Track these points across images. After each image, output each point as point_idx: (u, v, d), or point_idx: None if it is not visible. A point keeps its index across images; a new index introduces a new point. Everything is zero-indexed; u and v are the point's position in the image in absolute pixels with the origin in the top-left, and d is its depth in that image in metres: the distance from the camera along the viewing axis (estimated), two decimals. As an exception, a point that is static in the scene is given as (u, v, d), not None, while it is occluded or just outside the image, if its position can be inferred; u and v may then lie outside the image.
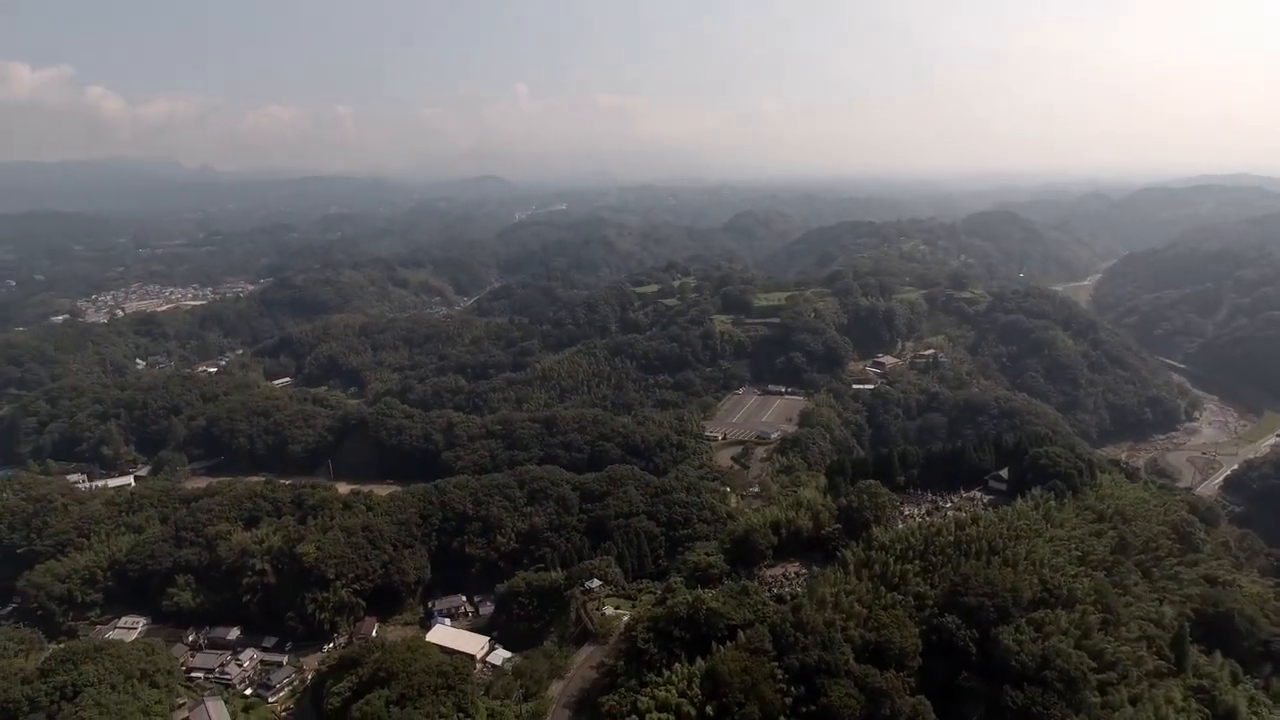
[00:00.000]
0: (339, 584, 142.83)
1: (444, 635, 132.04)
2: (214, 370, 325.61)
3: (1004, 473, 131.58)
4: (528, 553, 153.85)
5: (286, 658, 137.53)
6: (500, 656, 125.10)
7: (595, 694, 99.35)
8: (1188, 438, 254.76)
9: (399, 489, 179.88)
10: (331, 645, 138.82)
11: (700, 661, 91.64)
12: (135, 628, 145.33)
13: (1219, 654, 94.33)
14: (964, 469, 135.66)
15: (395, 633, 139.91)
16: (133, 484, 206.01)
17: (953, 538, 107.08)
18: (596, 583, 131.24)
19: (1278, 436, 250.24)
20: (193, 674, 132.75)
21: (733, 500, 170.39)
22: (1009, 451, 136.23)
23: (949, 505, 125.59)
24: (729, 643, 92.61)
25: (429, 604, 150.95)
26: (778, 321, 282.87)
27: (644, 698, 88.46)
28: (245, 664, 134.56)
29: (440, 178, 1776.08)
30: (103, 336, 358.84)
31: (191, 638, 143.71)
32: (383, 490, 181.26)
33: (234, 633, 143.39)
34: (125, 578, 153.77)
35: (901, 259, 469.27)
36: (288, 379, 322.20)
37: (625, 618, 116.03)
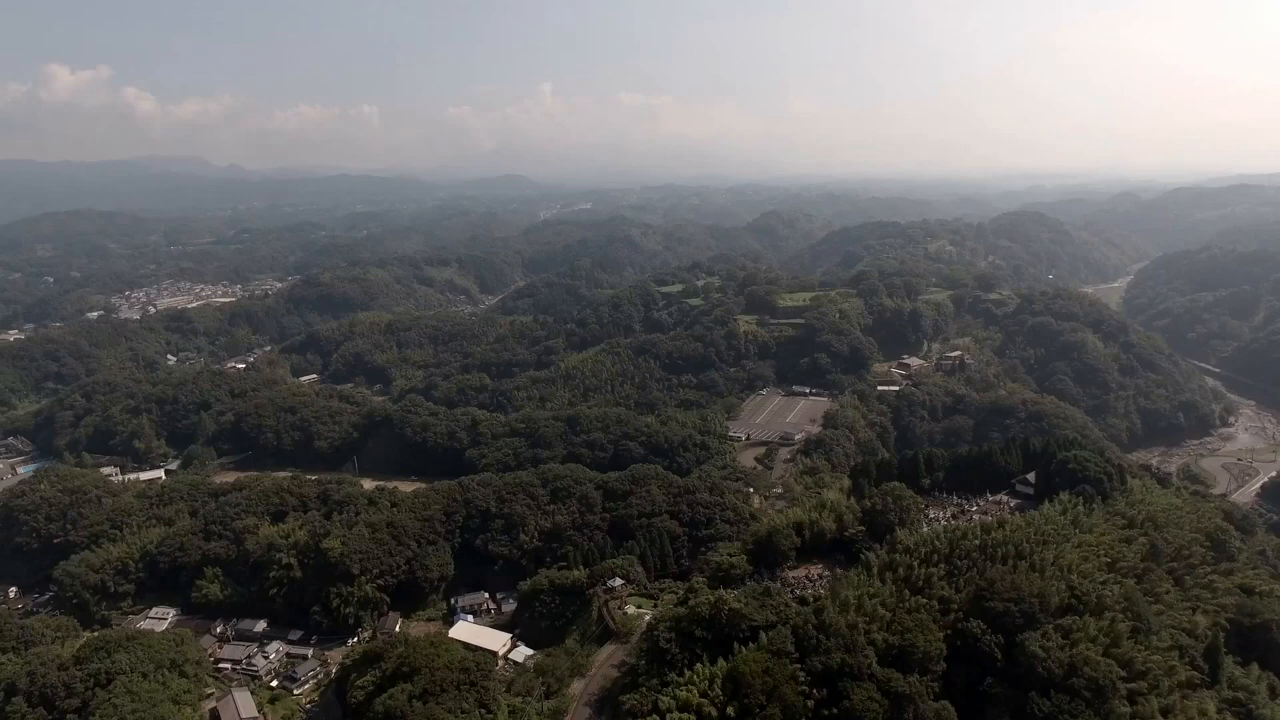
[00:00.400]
0: (363, 579, 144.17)
1: (466, 632, 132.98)
2: (242, 366, 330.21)
3: (1031, 477, 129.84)
4: (550, 551, 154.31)
5: (311, 651, 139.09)
6: (522, 654, 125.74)
7: (616, 693, 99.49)
8: (1223, 443, 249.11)
9: (423, 486, 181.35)
10: (355, 639, 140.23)
11: (722, 662, 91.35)
12: (165, 618, 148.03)
13: (1256, 666, 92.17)
14: (990, 472, 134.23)
15: (418, 628, 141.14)
16: (163, 477, 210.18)
17: (978, 542, 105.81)
18: (619, 582, 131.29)
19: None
20: (220, 665, 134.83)
21: (756, 501, 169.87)
22: (1036, 455, 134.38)
23: (975, 509, 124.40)
24: (751, 644, 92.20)
25: (452, 600, 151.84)
26: (802, 322, 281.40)
27: (665, 697, 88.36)
28: (271, 656, 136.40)
29: (466, 176, 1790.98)
30: (135, 332, 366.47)
31: (220, 629, 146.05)
32: (407, 487, 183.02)
33: (261, 625, 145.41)
34: (156, 569, 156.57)
35: (928, 260, 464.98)
36: (314, 376, 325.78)
37: (647, 617, 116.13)
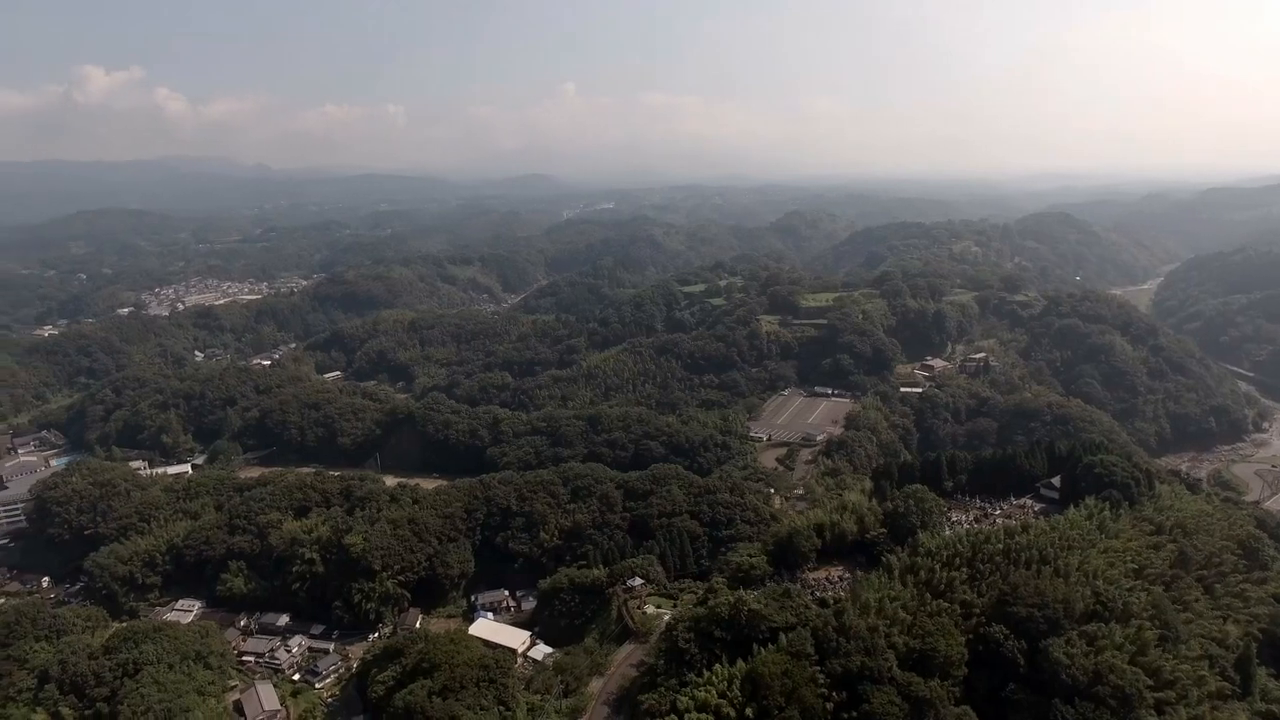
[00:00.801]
0: (385, 575, 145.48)
1: (486, 629, 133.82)
2: (268, 363, 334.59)
3: (1056, 481, 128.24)
4: (570, 549, 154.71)
5: (333, 645, 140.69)
6: (541, 652, 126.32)
7: (635, 692, 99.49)
8: (1256, 449, 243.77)
9: (445, 483, 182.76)
10: (376, 635, 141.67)
11: (741, 663, 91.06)
12: (191, 611, 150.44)
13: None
14: (1014, 476, 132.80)
15: (438, 625, 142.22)
16: (190, 472, 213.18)
17: (1002, 546, 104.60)
18: (638, 581, 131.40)
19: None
20: (244, 657, 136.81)
21: (776, 502, 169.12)
22: (1062, 459, 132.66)
23: (998, 512, 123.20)
24: (770, 645, 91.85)
25: (472, 597, 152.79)
26: (825, 322, 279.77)
27: (683, 697, 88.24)
28: (294, 650, 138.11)
29: (489, 175, 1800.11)
30: (164, 329, 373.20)
31: (243, 622, 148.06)
32: (429, 484, 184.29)
33: (283, 619, 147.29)
34: (182, 562, 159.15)
35: (952, 261, 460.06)
36: (338, 373, 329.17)
37: (666, 617, 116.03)
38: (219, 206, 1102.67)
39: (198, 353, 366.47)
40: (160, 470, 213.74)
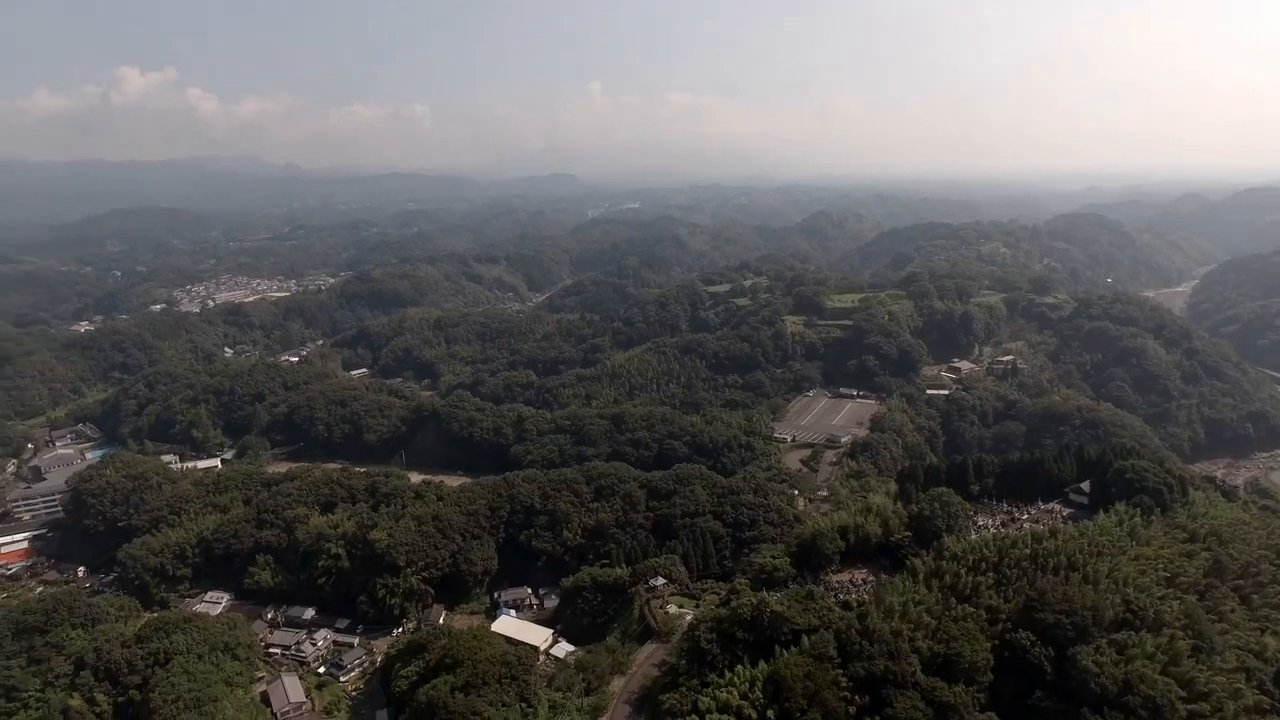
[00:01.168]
0: (409, 571, 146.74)
1: (509, 626, 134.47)
2: (295, 360, 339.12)
3: (1085, 486, 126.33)
4: (593, 548, 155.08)
5: (358, 639, 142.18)
6: (563, 649, 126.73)
7: (656, 691, 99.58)
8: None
9: (469, 480, 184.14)
10: (400, 630, 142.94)
11: (763, 665, 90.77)
12: (219, 603, 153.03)
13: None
14: (1042, 480, 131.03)
15: (462, 621, 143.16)
16: (219, 466, 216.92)
17: (1029, 551, 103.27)
18: (661, 581, 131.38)
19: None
20: (270, 650, 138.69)
21: (800, 503, 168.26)
22: (1091, 464, 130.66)
23: (1025, 517, 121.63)
24: (793, 647, 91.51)
25: (495, 594, 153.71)
26: (850, 323, 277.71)
27: (705, 698, 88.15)
28: (319, 643, 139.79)
29: (515, 175, 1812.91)
30: (195, 325, 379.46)
31: (270, 615, 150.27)
32: (453, 481, 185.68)
33: (309, 613, 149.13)
34: (211, 554, 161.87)
35: (980, 262, 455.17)
36: (364, 370, 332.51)
37: (688, 617, 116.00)
38: (249, 205, 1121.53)
39: (227, 349, 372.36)
40: (190, 464, 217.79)
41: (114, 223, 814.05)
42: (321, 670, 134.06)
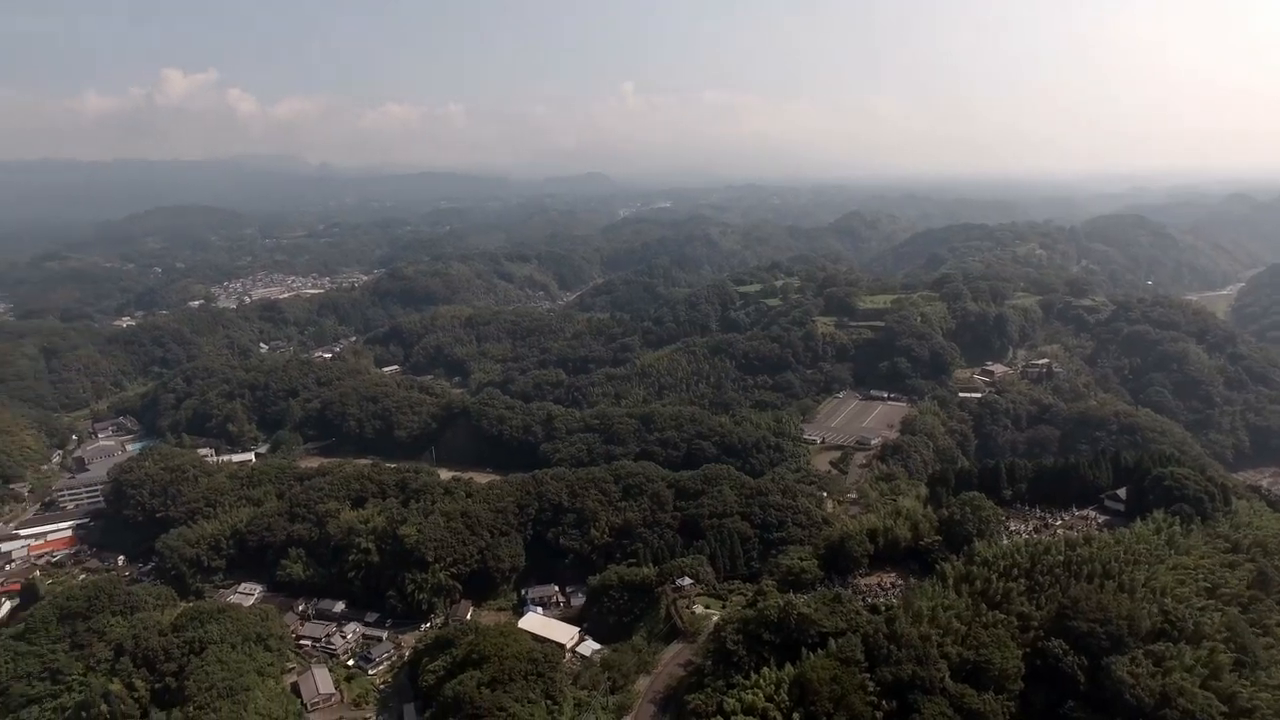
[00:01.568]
0: (437, 566, 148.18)
1: (536, 623, 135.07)
2: (329, 356, 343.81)
3: (1122, 492, 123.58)
4: (620, 547, 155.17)
5: (386, 633, 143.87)
6: (589, 647, 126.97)
7: (682, 692, 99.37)
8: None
9: (498, 478, 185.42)
10: (428, 625, 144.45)
11: (789, 667, 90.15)
12: (252, 594, 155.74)
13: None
14: (1077, 486, 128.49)
15: (489, 617, 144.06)
16: (253, 460, 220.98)
17: (1062, 557, 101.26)
18: (688, 581, 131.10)
19: None
20: (301, 641, 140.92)
21: (829, 505, 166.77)
22: (1128, 470, 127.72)
23: (1059, 523, 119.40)
24: (819, 650, 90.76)
25: (522, 591, 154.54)
26: (882, 325, 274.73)
27: (730, 699, 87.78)
28: (349, 636, 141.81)
29: (547, 174, 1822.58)
30: (232, 321, 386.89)
31: (301, 607, 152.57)
32: (482, 478, 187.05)
33: (339, 606, 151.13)
34: (245, 547, 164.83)
35: (1015, 263, 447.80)
36: (396, 366, 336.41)
37: (715, 617, 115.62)
38: (285, 204, 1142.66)
39: (263, 344, 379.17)
40: (226, 458, 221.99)
41: (156, 220, 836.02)
42: (350, 663, 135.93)
